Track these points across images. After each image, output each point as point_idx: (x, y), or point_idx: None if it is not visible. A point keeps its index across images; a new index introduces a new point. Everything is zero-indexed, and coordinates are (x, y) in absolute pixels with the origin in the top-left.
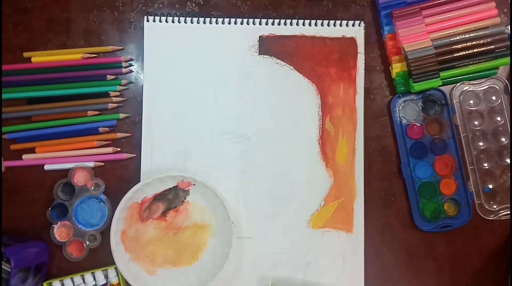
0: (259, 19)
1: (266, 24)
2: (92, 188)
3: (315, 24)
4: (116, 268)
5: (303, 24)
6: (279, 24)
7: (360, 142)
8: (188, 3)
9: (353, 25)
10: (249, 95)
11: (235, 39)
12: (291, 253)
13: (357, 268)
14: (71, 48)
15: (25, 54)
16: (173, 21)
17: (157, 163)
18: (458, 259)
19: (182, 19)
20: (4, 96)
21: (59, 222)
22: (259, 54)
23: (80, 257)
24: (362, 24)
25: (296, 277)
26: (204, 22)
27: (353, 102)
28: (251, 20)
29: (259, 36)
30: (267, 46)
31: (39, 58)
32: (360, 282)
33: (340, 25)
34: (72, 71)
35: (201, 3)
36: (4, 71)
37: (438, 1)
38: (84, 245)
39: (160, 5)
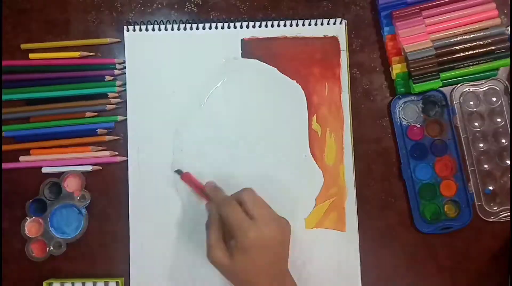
0: (240, 23)
1: (247, 27)
2: (78, 198)
3: (296, 25)
4: (117, 283)
5: (284, 25)
6: (260, 26)
7: (348, 140)
8: (187, 3)
9: (334, 23)
10: (234, 100)
11: (217, 44)
12: None
13: (353, 267)
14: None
15: (23, 46)
16: (153, 29)
17: (145, 172)
18: (458, 261)
19: (162, 26)
20: (2, 97)
21: (33, 217)
22: (242, 58)
23: (39, 258)
24: (344, 21)
25: None
26: (185, 29)
27: (338, 101)
28: (232, 24)
29: (241, 40)
30: (249, 49)
31: (37, 54)
32: (356, 281)
33: (322, 23)
34: (70, 71)
35: (200, 3)
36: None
37: (438, 2)
38: (47, 249)
39: (159, 6)
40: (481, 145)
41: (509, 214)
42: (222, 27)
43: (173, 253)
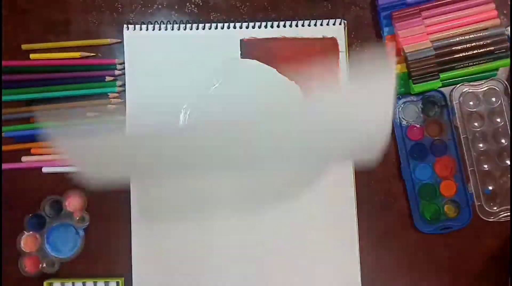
0: (239, 23)
1: (247, 27)
2: (77, 218)
3: (296, 25)
4: (118, 283)
5: (284, 26)
6: (259, 27)
7: None
8: (187, 4)
9: (333, 24)
10: (233, 99)
11: (217, 44)
12: (284, 255)
13: (353, 267)
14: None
15: (24, 46)
16: (153, 29)
17: None
18: (458, 261)
19: (162, 27)
20: (3, 98)
21: (31, 232)
22: (241, 58)
23: (31, 273)
24: (343, 22)
25: None
26: (185, 29)
27: None
28: (231, 25)
29: (240, 40)
30: (248, 50)
31: (38, 55)
32: (356, 280)
33: (321, 24)
34: (71, 71)
35: (200, 4)
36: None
37: (438, 3)
38: (40, 265)
39: (159, 6)
40: (481, 145)
41: (508, 214)
42: (222, 28)
43: (174, 253)
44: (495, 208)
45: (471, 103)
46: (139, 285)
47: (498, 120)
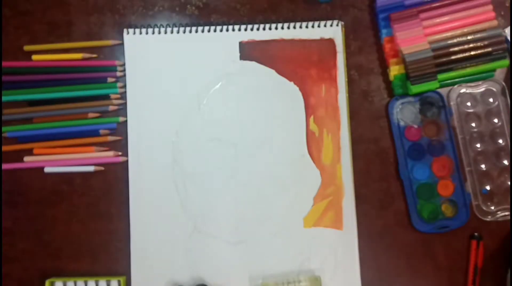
0: (238, 26)
1: (246, 30)
2: None
3: (294, 27)
4: (119, 281)
5: (282, 28)
6: (258, 29)
7: (345, 141)
8: (188, 6)
9: (331, 25)
10: (233, 101)
11: (216, 46)
12: (283, 254)
13: (351, 265)
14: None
15: (26, 48)
16: (153, 33)
17: (145, 172)
18: (455, 260)
19: (162, 29)
20: (4, 98)
21: None
22: (240, 60)
23: None
24: (340, 23)
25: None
26: (184, 32)
27: (335, 102)
28: (230, 27)
29: (239, 42)
30: (248, 51)
31: (40, 56)
32: (356, 279)
33: (319, 26)
34: (73, 73)
35: (201, 6)
36: (4, 68)
37: (436, 5)
38: None
39: (161, 8)
40: (478, 145)
41: (506, 213)
42: (221, 30)
43: (174, 252)
44: (492, 207)
45: (468, 103)
46: (137, 284)
47: (495, 120)
